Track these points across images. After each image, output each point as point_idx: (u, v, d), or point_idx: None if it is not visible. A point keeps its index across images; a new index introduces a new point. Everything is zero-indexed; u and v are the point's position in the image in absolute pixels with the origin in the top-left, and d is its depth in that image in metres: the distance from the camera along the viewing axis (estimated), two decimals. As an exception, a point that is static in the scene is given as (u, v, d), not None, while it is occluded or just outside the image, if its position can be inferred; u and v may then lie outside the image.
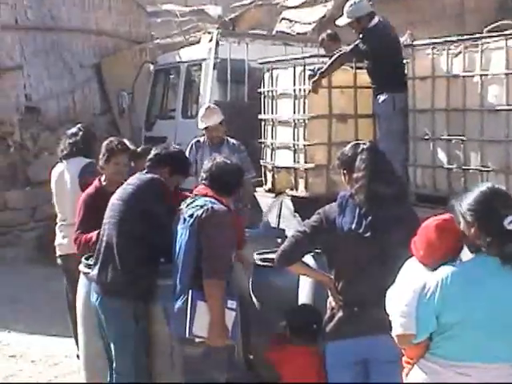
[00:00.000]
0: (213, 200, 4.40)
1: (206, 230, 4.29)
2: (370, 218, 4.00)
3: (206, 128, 7.50)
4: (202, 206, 4.34)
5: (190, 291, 4.29)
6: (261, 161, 8.16)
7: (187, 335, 4.30)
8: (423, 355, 3.30)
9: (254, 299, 5.63)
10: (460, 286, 3.18)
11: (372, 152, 4.13)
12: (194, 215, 4.34)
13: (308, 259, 4.60)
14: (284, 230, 7.05)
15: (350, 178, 4.16)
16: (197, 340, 4.34)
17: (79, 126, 6.96)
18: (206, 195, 4.45)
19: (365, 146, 4.17)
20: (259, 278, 5.67)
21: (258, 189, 8.26)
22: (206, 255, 4.27)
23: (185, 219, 4.39)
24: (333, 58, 7.14)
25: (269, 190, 8.12)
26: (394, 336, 3.30)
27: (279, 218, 7.81)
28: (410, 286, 3.28)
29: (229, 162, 4.61)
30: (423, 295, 3.23)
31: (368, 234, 3.97)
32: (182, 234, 4.39)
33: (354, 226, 4.01)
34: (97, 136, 7.03)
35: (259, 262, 5.71)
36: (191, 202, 4.45)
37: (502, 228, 3.08)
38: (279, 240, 6.41)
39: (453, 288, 3.18)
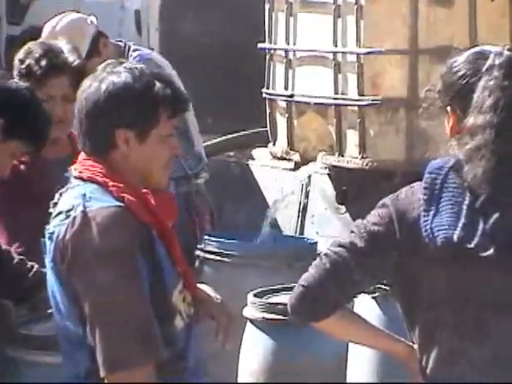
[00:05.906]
0: (89, 191, 3.47)
1: (79, 267, 3.35)
2: (494, 217, 3.04)
3: None
4: (67, 214, 3.43)
5: None
6: (262, 91, 7.08)
7: None
8: None
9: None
10: None
11: None
12: (55, 236, 3.49)
13: (364, 306, 4.55)
14: (315, 243, 5.89)
15: (459, 124, 3.23)
16: None
17: None
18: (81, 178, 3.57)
19: (497, 61, 3.11)
20: (263, 345, 5.16)
21: (254, 152, 7.44)
22: (93, 325, 3.26)
23: (45, 242, 3.67)
24: None
25: (281, 156, 7.02)
26: None
27: (303, 213, 6.88)
28: None
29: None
30: None
31: (490, 252, 3.06)
32: (48, 271, 3.62)
33: (457, 235, 3.06)
34: None
35: (260, 314, 5.07)
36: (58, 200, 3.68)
37: None
38: (304, 263, 5.66)
39: None
